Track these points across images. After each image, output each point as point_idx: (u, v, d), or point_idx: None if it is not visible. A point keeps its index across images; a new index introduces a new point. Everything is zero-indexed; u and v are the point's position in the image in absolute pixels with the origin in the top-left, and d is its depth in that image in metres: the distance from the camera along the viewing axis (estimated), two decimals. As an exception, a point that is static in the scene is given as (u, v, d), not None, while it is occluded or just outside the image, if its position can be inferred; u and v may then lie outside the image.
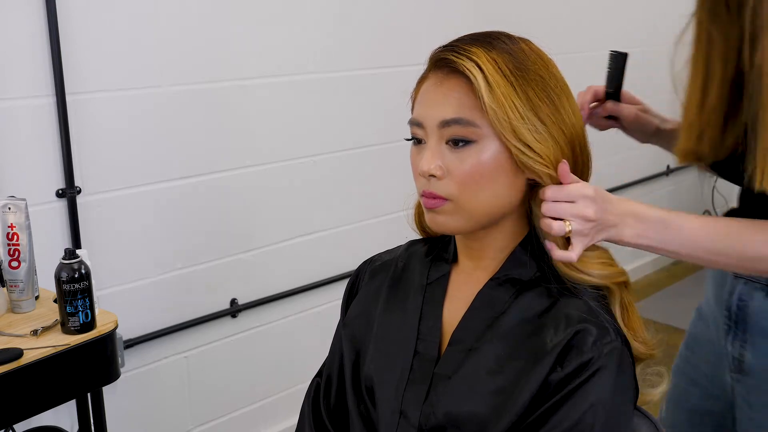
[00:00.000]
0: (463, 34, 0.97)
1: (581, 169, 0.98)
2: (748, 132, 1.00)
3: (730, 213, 1.19)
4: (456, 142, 0.92)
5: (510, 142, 0.91)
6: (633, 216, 0.98)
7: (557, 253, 0.94)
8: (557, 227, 0.93)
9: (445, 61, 0.93)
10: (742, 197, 1.17)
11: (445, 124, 0.92)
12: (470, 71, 0.90)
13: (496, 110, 0.90)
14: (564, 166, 0.93)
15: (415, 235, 1.13)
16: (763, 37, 0.96)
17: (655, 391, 1.01)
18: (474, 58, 0.91)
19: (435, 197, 0.94)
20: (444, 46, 0.96)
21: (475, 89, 0.90)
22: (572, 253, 0.93)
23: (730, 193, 1.30)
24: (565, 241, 0.95)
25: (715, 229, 1.01)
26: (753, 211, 1.08)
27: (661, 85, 1.23)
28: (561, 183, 0.94)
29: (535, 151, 0.91)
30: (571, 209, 0.93)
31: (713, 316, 1.25)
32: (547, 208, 0.94)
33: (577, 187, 0.94)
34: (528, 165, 0.92)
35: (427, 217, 0.97)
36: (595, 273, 0.96)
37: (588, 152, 0.99)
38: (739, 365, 1.17)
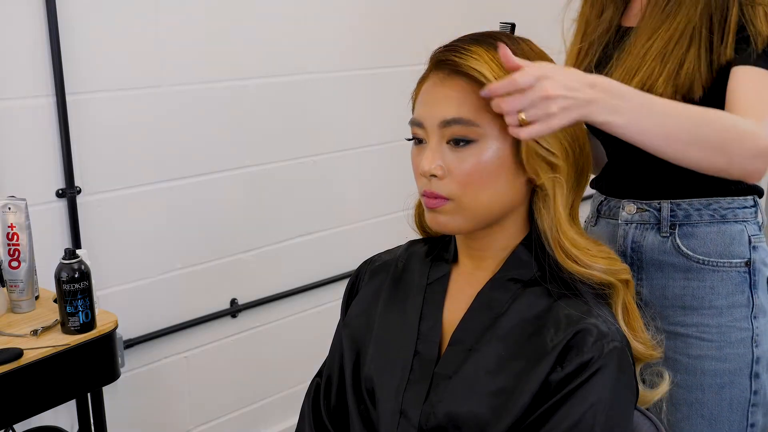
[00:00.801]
0: (463, 35, 0.97)
1: (580, 170, 0.98)
2: None
3: (598, 183, 1.36)
4: (457, 142, 0.92)
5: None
6: (607, 91, 0.92)
7: (523, 131, 0.88)
8: (512, 120, 0.87)
9: (447, 62, 0.93)
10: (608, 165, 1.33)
11: (446, 123, 0.92)
12: (476, 70, 0.90)
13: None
14: (503, 49, 0.87)
15: (416, 235, 1.13)
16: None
17: (655, 391, 1.02)
18: (476, 58, 0.91)
19: (436, 197, 0.94)
20: (445, 47, 0.96)
21: (477, 89, 0.90)
22: (528, 130, 0.88)
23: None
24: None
25: (688, 109, 1.02)
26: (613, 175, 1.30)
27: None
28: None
29: (542, 146, 0.92)
30: (526, 97, 0.86)
31: None
32: (500, 104, 0.87)
33: (535, 67, 0.87)
34: (539, 154, 0.92)
35: (428, 217, 0.97)
36: (599, 267, 0.95)
37: (588, 156, 0.99)
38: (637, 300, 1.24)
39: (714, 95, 1.13)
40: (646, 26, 1.18)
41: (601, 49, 1.27)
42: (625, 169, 1.30)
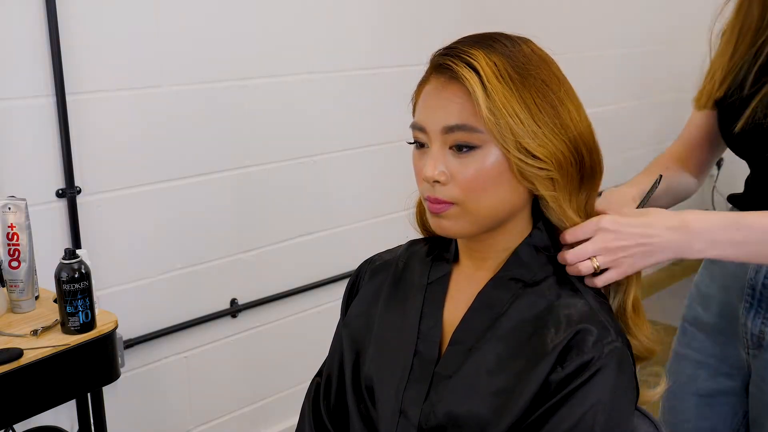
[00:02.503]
0: (464, 35, 0.97)
1: (589, 171, 0.97)
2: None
3: (733, 198, 1.26)
4: (460, 148, 0.92)
5: (509, 151, 0.90)
6: (684, 229, 0.97)
7: (598, 279, 0.96)
8: (584, 267, 0.95)
9: (446, 66, 0.93)
10: (751, 181, 1.23)
11: (449, 129, 0.92)
12: (468, 80, 0.90)
13: (492, 119, 0.89)
14: (565, 233, 0.97)
15: (416, 235, 1.13)
16: None
17: (655, 392, 1.01)
18: (473, 62, 0.90)
19: (440, 202, 0.94)
20: (444, 49, 0.95)
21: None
22: (607, 276, 0.96)
23: (731, 191, 1.31)
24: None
25: None
26: (757, 194, 1.18)
27: (658, 83, 1.24)
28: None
29: (536, 157, 0.91)
30: (592, 246, 0.94)
31: (723, 294, 1.27)
32: (571, 255, 0.96)
33: (590, 222, 0.96)
34: (526, 174, 0.91)
35: (432, 222, 0.97)
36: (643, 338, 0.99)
37: (598, 154, 0.98)
38: (759, 341, 1.19)
39: None
40: None
41: (762, 60, 1.16)
42: (764, 189, 1.20)
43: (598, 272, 0.96)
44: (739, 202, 1.25)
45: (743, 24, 1.20)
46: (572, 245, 0.97)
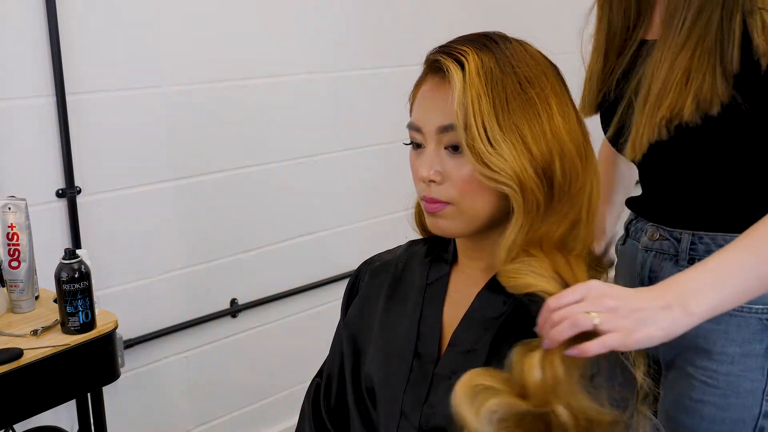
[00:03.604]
0: (461, 34, 0.97)
1: (560, 194, 0.91)
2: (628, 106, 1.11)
3: (630, 201, 1.28)
4: (455, 148, 0.92)
5: (466, 153, 0.88)
6: (678, 291, 0.88)
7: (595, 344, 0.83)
8: (584, 320, 0.83)
9: (437, 64, 0.93)
10: (641, 181, 1.24)
11: (444, 129, 0.92)
12: (452, 75, 0.89)
13: (461, 114, 0.88)
14: (549, 300, 0.85)
15: (416, 235, 1.13)
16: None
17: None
18: (462, 59, 0.90)
19: (435, 202, 0.94)
20: (438, 49, 0.95)
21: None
22: (609, 340, 0.83)
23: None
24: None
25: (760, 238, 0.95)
26: (649, 193, 1.21)
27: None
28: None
29: (488, 165, 0.88)
30: (585, 305, 0.84)
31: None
32: (560, 312, 0.84)
33: (577, 285, 0.86)
34: (481, 178, 0.89)
35: (429, 222, 0.97)
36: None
37: (574, 166, 0.91)
38: None
39: (730, 110, 1.04)
40: (668, 44, 1.06)
41: (624, 66, 1.18)
42: (650, 190, 1.21)
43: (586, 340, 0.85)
44: (636, 205, 1.26)
45: (608, 31, 1.19)
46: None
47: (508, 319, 0.95)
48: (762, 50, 0.98)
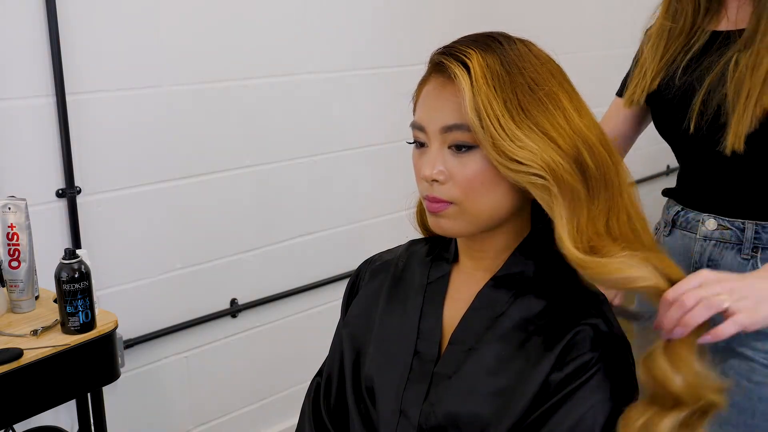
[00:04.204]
0: (464, 34, 0.97)
1: (597, 182, 0.90)
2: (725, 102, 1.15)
3: (668, 192, 1.32)
4: (458, 147, 0.92)
5: (489, 152, 0.88)
6: None
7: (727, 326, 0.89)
8: (717, 302, 0.88)
9: (442, 65, 0.93)
10: (684, 176, 1.30)
11: (447, 129, 0.92)
12: (459, 78, 0.89)
13: (476, 120, 0.88)
14: (667, 293, 0.89)
15: (416, 235, 1.13)
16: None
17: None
18: (466, 61, 0.90)
19: (438, 201, 0.93)
20: (443, 48, 0.95)
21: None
22: (741, 318, 0.89)
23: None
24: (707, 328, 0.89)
25: None
26: (691, 187, 1.26)
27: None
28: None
29: (518, 161, 0.88)
30: (711, 288, 0.89)
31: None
32: (690, 299, 0.87)
33: (691, 276, 0.90)
34: (511, 177, 0.89)
35: (431, 221, 0.97)
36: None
37: (606, 160, 0.91)
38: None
39: None
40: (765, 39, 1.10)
41: (693, 55, 1.21)
42: (706, 182, 1.24)
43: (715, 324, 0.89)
44: (684, 196, 1.30)
45: (672, 27, 1.25)
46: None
47: (509, 319, 0.95)
48: None
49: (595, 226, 0.90)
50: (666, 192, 1.34)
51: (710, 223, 1.22)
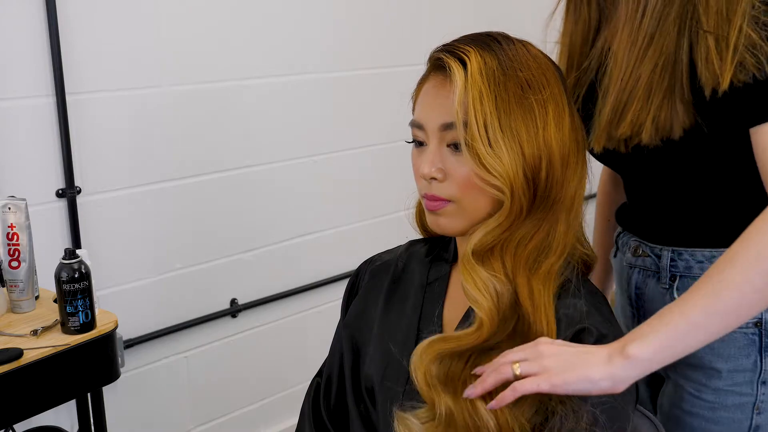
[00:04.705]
0: (463, 34, 0.97)
1: (542, 200, 0.91)
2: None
3: (619, 213, 1.23)
4: (456, 145, 0.92)
5: (463, 149, 0.89)
6: (622, 341, 0.86)
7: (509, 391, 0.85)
8: (505, 370, 0.85)
9: (440, 62, 0.93)
10: (627, 191, 1.20)
11: (446, 127, 0.92)
12: (455, 74, 0.90)
13: (461, 114, 0.88)
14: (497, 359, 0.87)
15: (416, 235, 1.13)
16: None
17: None
18: (464, 58, 0.90)
19: (436, 199, 0.94)
20: (441, 47, 0.95)
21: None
22: (527, 385, 0.84)
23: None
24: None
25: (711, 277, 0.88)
26: (635, 201, 1.16)
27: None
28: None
29: (483, 166, 0.88)
30: (520, 353, 0.86)
31: (621, 304, 1.25)
32: (491, 365, 0.87)
33: (527, 345, 0.87)
34: (471, 175, 0.89)
35: (429, 220, 0.97)
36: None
37: (557, 175, 0.91)
38: None
39: (692, 133, 0.98)
40: (627, 53, 0.99)
41: (593, 76, 1.11)
42: (633, 204, 1.18)
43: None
44: (622, 218, 1.22)
45: (570, 43, 1.13)
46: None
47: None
48: (704, 80, 0.92)
49: (523, 239, 0.91)
50: (618, 212, 1.26)
51: (635, 249, 1.15)
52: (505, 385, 0.85)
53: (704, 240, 1.07)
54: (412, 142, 0.98)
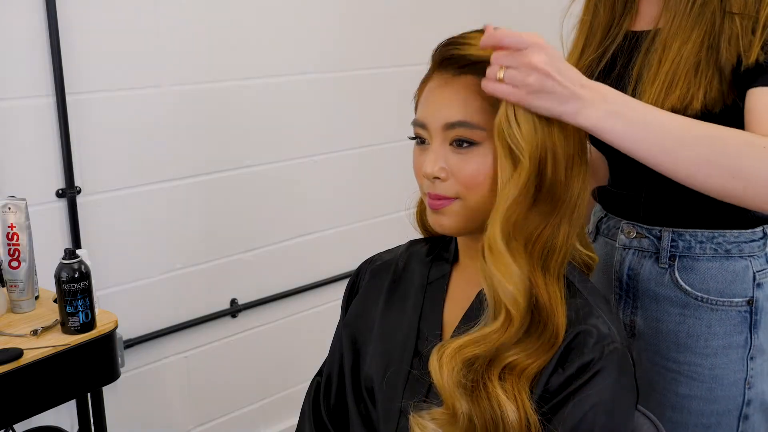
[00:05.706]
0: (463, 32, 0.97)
1: (547, 193, 0.91)
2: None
3: (603, 198, 1.25)
4: (460, 144, 0.92)
5: (501, 134, 0.89)
6: (600, 94, 0.89)
7: (491, 85, 0.87)
8: (490, 71, 0.87)
9: (450, 59, 0.93)
10: (611, 172, 1.24)
11: (451, 126, 0.92)
12: (476, 56, 0.90)
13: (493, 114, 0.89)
14: (490, 29, 0.88)
15: (416, 235, 1.13)
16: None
17: None
18: (474, 43, 0.91)
19: (440, 198, 0.94)
20: (445, 43, 0.95)
21: (481, 89, 0.89)
22: (501, 88, 0.86)
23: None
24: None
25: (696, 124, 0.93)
26: (618, 184, 1.20)
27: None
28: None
29: (510, 124, 0.88)
30: (517, 56, 0.86)
31: (600, 287, 1.23)
32: (494, 55, 0.87)
33: (531, 34, 0.87)
34: (509, 137, 0.88)
35: (431, 219, 0.97)
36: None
37: (561, 174, 0.91)
38: (631, 330, 1.19)
39: (729, 111, 1.02)
40: (675, 30, 1.05)
41: (609, 57, 1.16)
42: (626, 188, 1.20)
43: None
44: (609, 202, 1.24)
45: (592, 23, 1.19)
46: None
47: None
48: (727, 60, 0.99)
49: (534, 230, 0.90)
50: (594, 194, 1.27)
51: (629, 231, 1.18)
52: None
53: (705, 221, 1.11)
54: (414, 138, 0.98)
